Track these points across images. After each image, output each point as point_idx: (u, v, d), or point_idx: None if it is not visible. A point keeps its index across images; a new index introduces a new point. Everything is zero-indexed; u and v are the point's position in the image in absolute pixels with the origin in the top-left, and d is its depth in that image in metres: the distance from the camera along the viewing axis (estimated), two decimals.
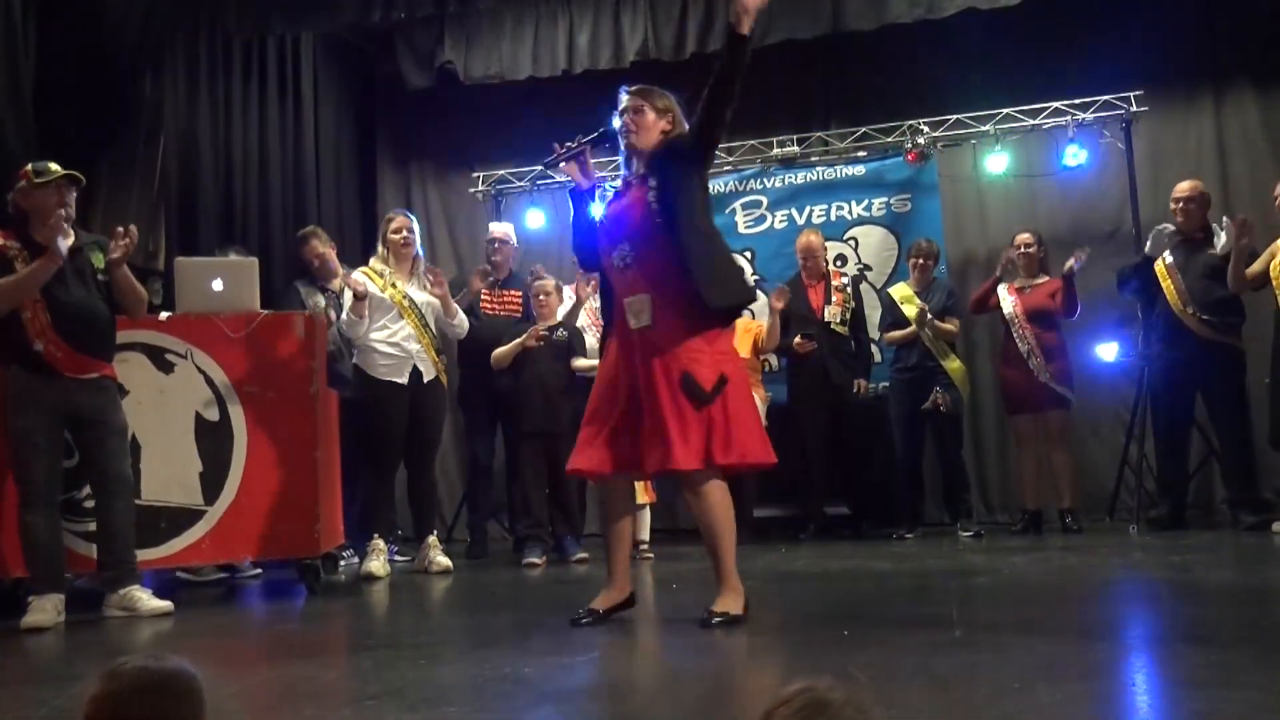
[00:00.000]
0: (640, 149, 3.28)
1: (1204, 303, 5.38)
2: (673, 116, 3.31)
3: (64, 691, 2.59)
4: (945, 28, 6.35)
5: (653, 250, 3.17)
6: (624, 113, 3.29)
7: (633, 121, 3.26)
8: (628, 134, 3.27)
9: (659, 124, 3.28)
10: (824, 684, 1.15)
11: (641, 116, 3.26)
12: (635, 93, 3.31)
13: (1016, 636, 2.84)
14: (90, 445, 3.93)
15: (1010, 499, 6.46)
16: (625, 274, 3.21)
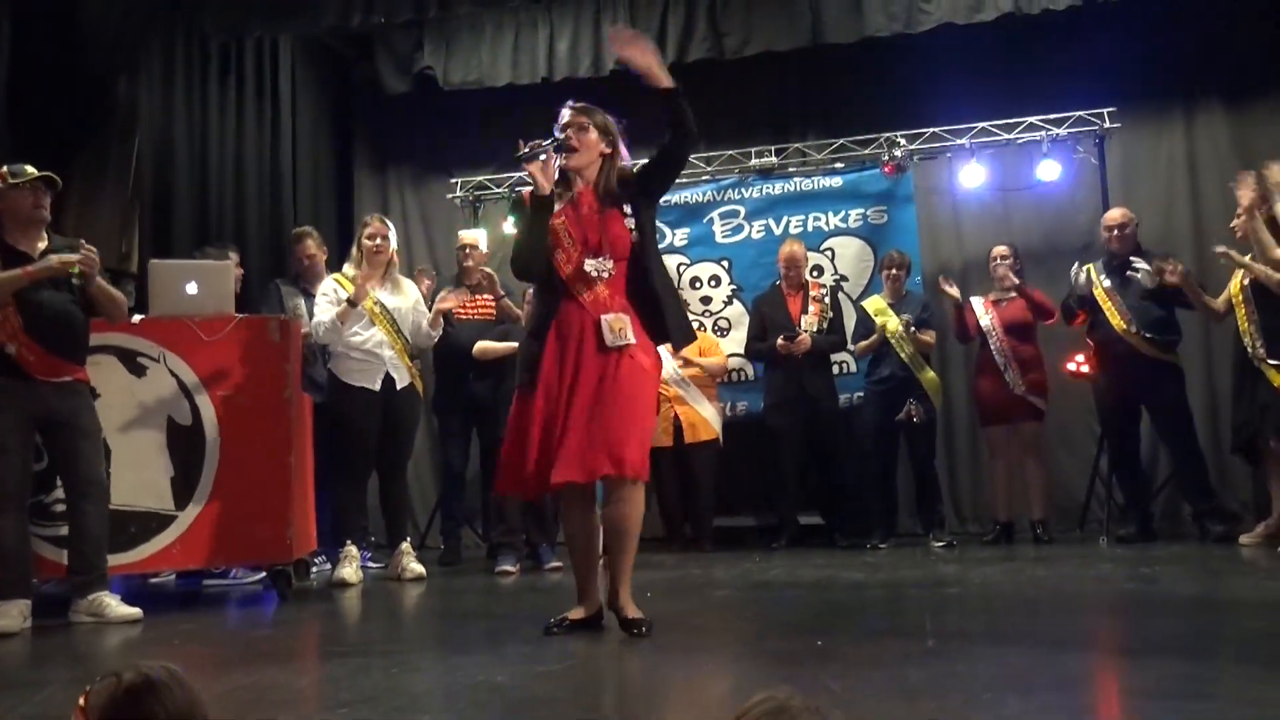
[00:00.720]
0: (578, 167, 3.27)
1: (1145, 322, 5.50)
2: (612, 139, 3.31)
3: (29, 699, 2.56)
4: (922, 42, 6.43)
5: (626, 271, 3.23)
6: (566, 128, 3.27)
7: (576, 139, 3.25)
8: (570, 150, 3.24)
9: (599, 144, 3.29)
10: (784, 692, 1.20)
11: (585, 134, 3.26)
12: (579, 110, 3.31)
13: (988, 647, 2.86)
14: (63, 449, 3.89)
15: (982, 510, 6.50)
16: (594, 286, 3.20)
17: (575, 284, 3.21)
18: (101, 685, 1.33)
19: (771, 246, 6.59)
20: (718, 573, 4.93)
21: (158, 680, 1.34)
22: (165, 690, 1.34)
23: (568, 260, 3.21)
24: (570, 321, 3.19)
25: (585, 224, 3.23)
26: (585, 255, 3.20)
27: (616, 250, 3.22)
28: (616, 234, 3.23)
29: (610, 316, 3.17)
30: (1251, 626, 3.15)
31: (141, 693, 1.32)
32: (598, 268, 3.21)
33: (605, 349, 3.14)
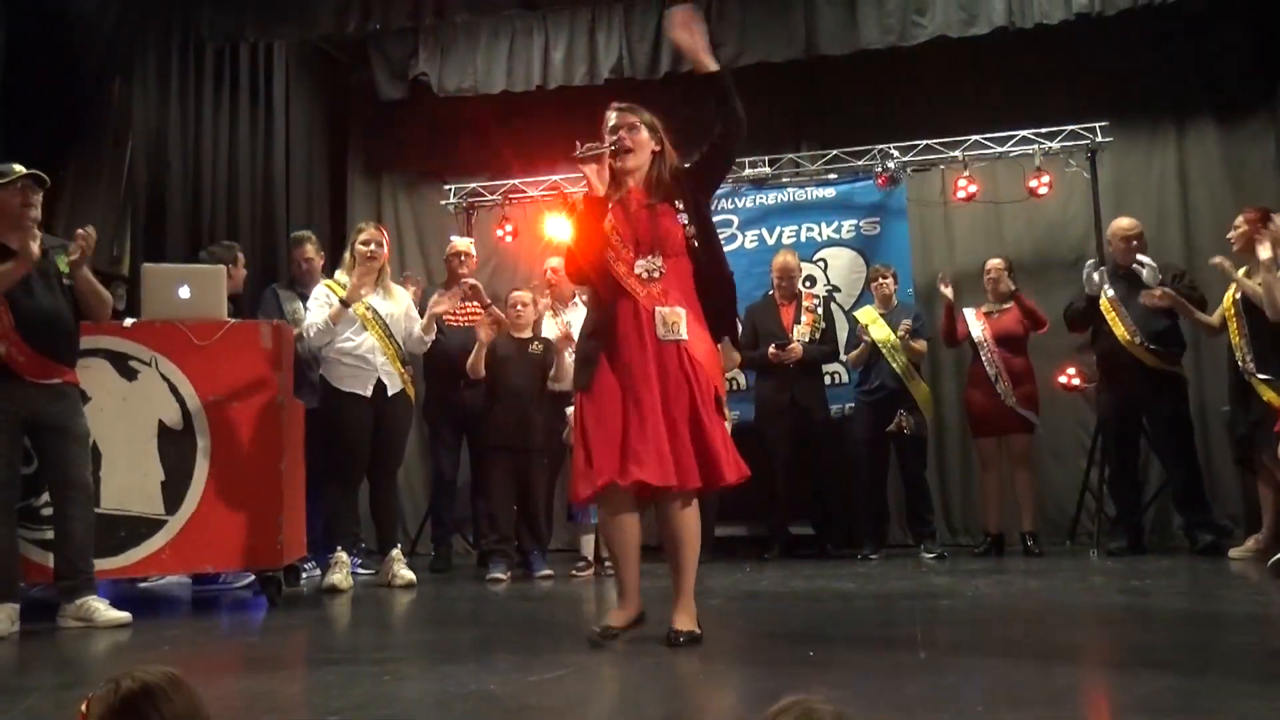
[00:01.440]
0: (634, 168, 3.26)
1: (1149, 333, 5.51)
2: (660, 136, 3.32)
3: (17, 704, 2.54)
4: (916, 55, 6.46)
5: (683, 268, 3.21)
6: (616, 129, 3.26)
7: (629, 139, 3.24)
8: (624, 151, 3.23)
9: (650, 142, 3.28)
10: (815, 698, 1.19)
11: (637, 134, 3.25)
12: (626, 109, 3.30)
13: (980, 659, 2.86)
14: (50, 452, 3.87)
15: (973, 521, 6.52)
16: (649, 285, 3.18)
17: (629, 282, 3.19)
18: (101, 693, 1.32)
19: (764, 256, 6.60)
20: (709, 582, 4.91)
21: (155, 687, 1.34)
22: (163, 697, 1.34)
23: (619, 260, 3.20)
24: (627, 319, 3.17)
25: (635, 223, 3.21)
26: (637, 255, 3.19)
27: (668, 247, 3.19)
28: (667, 230, 3.20)
29: (665, 309, 3.14)
30: (1242, 641, 3.16)
31: (139, 701, 1.32)
32: (648, 267, 3.18)
33: (664, 345, 3.12)
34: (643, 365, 3.13)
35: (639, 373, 3.13)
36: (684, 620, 3.17)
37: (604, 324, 3.23)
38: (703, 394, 3.12)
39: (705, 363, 3.17)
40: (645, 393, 3.11)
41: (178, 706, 1.36)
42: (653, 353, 3.13)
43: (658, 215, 3.22)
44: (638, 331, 3.15)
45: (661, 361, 3.13)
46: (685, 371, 3.13)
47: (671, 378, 3.12)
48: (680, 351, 3.14)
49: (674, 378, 3.12)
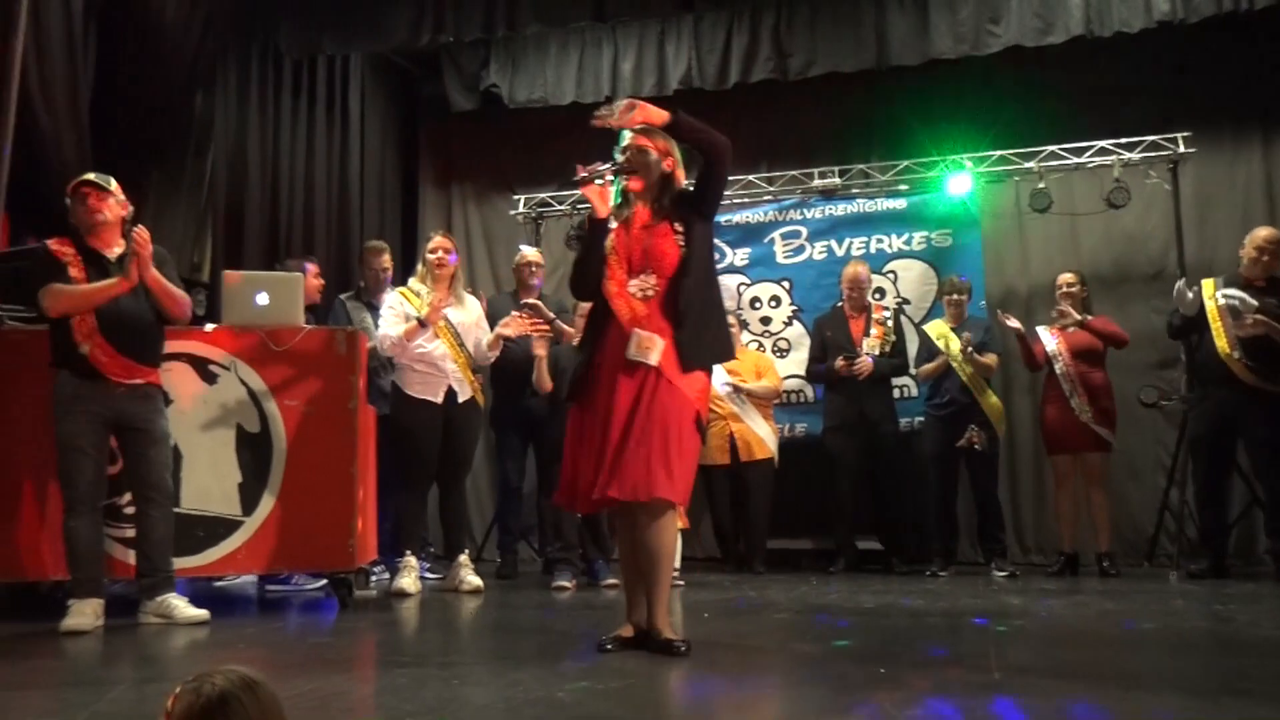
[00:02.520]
0: (639, 190, 3.31)
1: (1253, 349, 5.29)
2: (674, 159, 3.35)
3: (103, 695, 2.61)
4: (990, 64, 6.37)
5: (675, 289, 3.24)
6: (626, 150, 3.32)
7: (636, 160, 3.29)
8: (629, 172, 3.29)
9: (659, 166, 3.32)
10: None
11: (645, 156, 3.30)
12: (640, 132, 3.33)
13: (1055, 682, 2.79)
14: (132, 452, 3.98)
15: (1046, 540, 6.38)
16: (634, 306, 3.23)
17: (618, 303, 3.24)
18: (185, 690, 1.36)
19: (833, 268, 6.56)
20: (774, 595, 4.89)
21: (231, 695, 1.37)
22: (237, 706, 1.37)
23: (612, 278, 3.26)
24: (613, 340, 3.24)
25: (633, 243, 3.28)
26: (630, 275, 3.25)
27: (661, 267, 3.24)
28: (662, 251, 3.24)
29: (642, 334, 3.19)
30: None
31: (214, 710, 1.35)
32: (641, 286, 3.24)
33: (636, 365, 3.17)
34: (616, 384, 3.18)
35: (609, 390, 3.19)
36: (670, 629, 3.24)
37: (595, 341, 3.31)
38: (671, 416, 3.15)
39: (687, 385, 3.20)
40: (613, 411, 3.16)
41: (257, 709, 1.38)
42: (629, 374, 3.18)
43: (655, 236, 3.27)
44: (619, 350, 3.21)
45: (639, 383, 3.18)
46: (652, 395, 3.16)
47: (643, 397, 3.16)
48: (649, 375, 3.17)
49: (644, 398, 3.16)
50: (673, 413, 3.17)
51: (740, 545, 6.24)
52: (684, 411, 3.20)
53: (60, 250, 3.92)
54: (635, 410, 3.16)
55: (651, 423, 3.14)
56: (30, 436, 4.08)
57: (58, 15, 5.22)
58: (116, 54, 5.61)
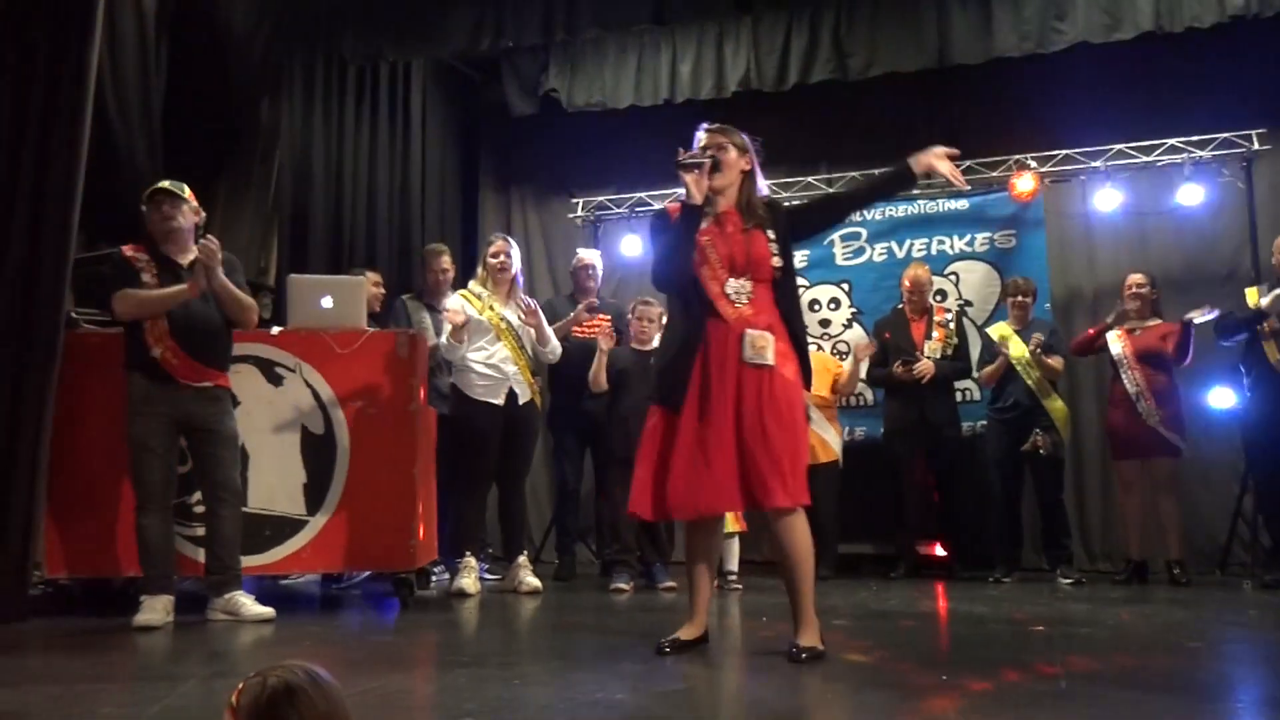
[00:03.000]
0: (721, 186, 3.27)
1: None
2: (749, 157, 3.32)
3: (175, 690, 2.68)
4: (1055, 61, 6.24)
5: (769, 296, 3.23)
6: (705, 149, 3.27)
7: (720, 158, 3.25)
8: (712, 171, 3.23)
9: (739, 163, 3.29)
10: None
11: (726, 154, 3.26)
12: (716, 130, 3.31)
13: (1124, 691, 2.73)
14: (202, 452, 4.07)
15: (1113, 547, 6.24)
16: (736, 308, 3.20)
17: (720, 302, 3.20)
18: (249, 684, 1.38)
19: (893, 269, 6.49)
20: (834, 600, 4.84)
21: (297, 687, 1.39)
22: (304, 697, 1.39)
23: (713, 278, 3.22)
24: (716, 340, 3.18)
25: (731, 243, 3.23)
26: (729, 275, 3.22)
27: (759, 272, 3.22)
28: (760, 256, 3.22)
29: (754, 333, 3.15)
30: None
31: (280, 700, 1.37)
32: (738, 289, 3.21)
33: (746, 364, 3.13)
34: (721, 387, 3.14)
35: (717, 394, 3.14)
36: (807, 636, 3.16)
37: (690, 341, 3.22)
38: (777, 417, 3.11)
39: (790, 384, 3.17)
40: (719, 415, 3.12)
41: (322, 703, 1.40)
42: (734, 375, 3.14)
43: (752, 240, 3.24)
44: (725, 352, 3.16)
45: (741, 384, 3.14)
46: (768, 392, 3.12)
47: (748, 401, 3.12)
48: (762, 376, 3.14)
49: (750, 401, 3.12)
50: (790, 412, 3.13)
51: None
52: (798, 408, 3.17)
53: (134, 256, 4.03)
54: (757, 412, 3.10)
55: (779, 424, 3.10)
56: (104, 437, 4.21)
57: (131, 27, 5.37)
58: (187, 64, 5.76)
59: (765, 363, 3.14)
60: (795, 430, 3.15)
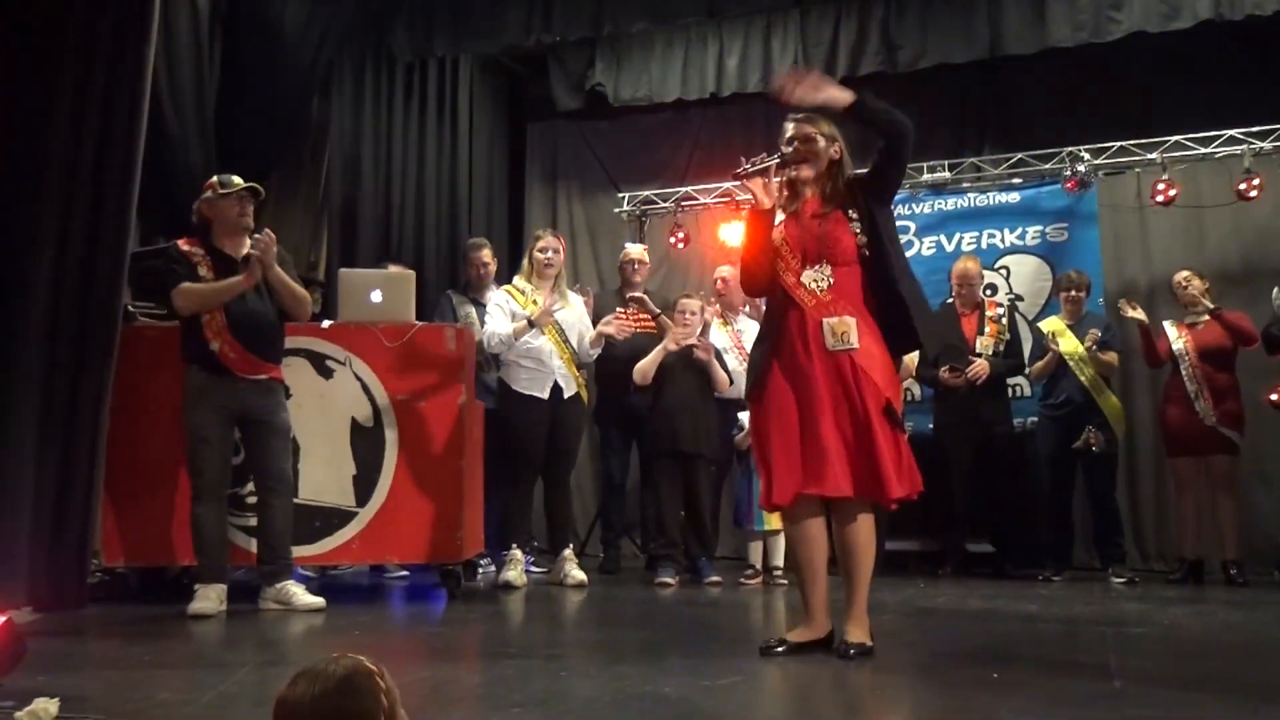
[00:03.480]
0: (809, 178, 3.23)
1: None
2: (839, 145, 3.28)
3: (229, 677, 2.72)
4: (1110, 51, 6.12)
5: (854, 277, 3.17)
6: (792, 141, 3.24)
7: (806, 150, 3.22)
8: (800, 162, 3.21)
9: (828, 151, 3.25)
10: None
11: (814, 144, 3.22)
12: (804, 119, 3.26)
13: (1181, 693, 2.68)
14: (256, 444, 4.13)
15: (1167, 546, 6.12)
16: (817, 296, 3.16)
17: (797, 293, 3.18)
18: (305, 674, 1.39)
19: (942, 264, 6.42)
20: (881, 596, 4.78)
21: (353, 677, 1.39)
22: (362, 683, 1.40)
23: (788, 270, 3.20)
24: (794, 330, 3.17)
25: (805, 233, 3.21)
26: (804, 265, 3.18)
27: (837, 256, 3.16)
28: (836, 239, 3.17)
29: (833, 320, 3.11)
30: None
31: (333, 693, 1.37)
32: (815, 277, 3.16)
33: (830, 353, 3.10)
34: (809, 376, 3.11)
35: (806, 383, 3.11)
36: (856, 632, 3.12)
37: (773, 334, 3.24)
38: (872, 404, 3.06)
39: (876, 372, 3.10)
40: (813, 403, 3.09)
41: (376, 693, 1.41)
42: (820, 363, 3.10)
43: (828, 224, 3.19)
44: (804, 342, 3.13)
45: (829, 372, 3.09)
46: (854, 381, 3.07)
47: (840, 388, 3.08)
48: (849, 361, 3.09)
49: (842, 388, 3.08)
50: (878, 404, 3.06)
51: None
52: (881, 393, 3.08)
53: (190, 251, 4.10)
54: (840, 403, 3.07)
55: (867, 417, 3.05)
56: (160, 428, 4.29)
57: (186, 26, 5.46)
58: (240, 62, 5.84)
59: (849, 347, 3.09)
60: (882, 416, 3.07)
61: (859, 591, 3.16)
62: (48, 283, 3.96)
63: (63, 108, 4.04)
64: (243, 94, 5.85)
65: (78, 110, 4.06)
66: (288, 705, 1.35)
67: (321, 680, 1.35)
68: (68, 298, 4.01)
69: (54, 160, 4.00)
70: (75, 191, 4.04)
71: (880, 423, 3.06)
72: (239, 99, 5.84)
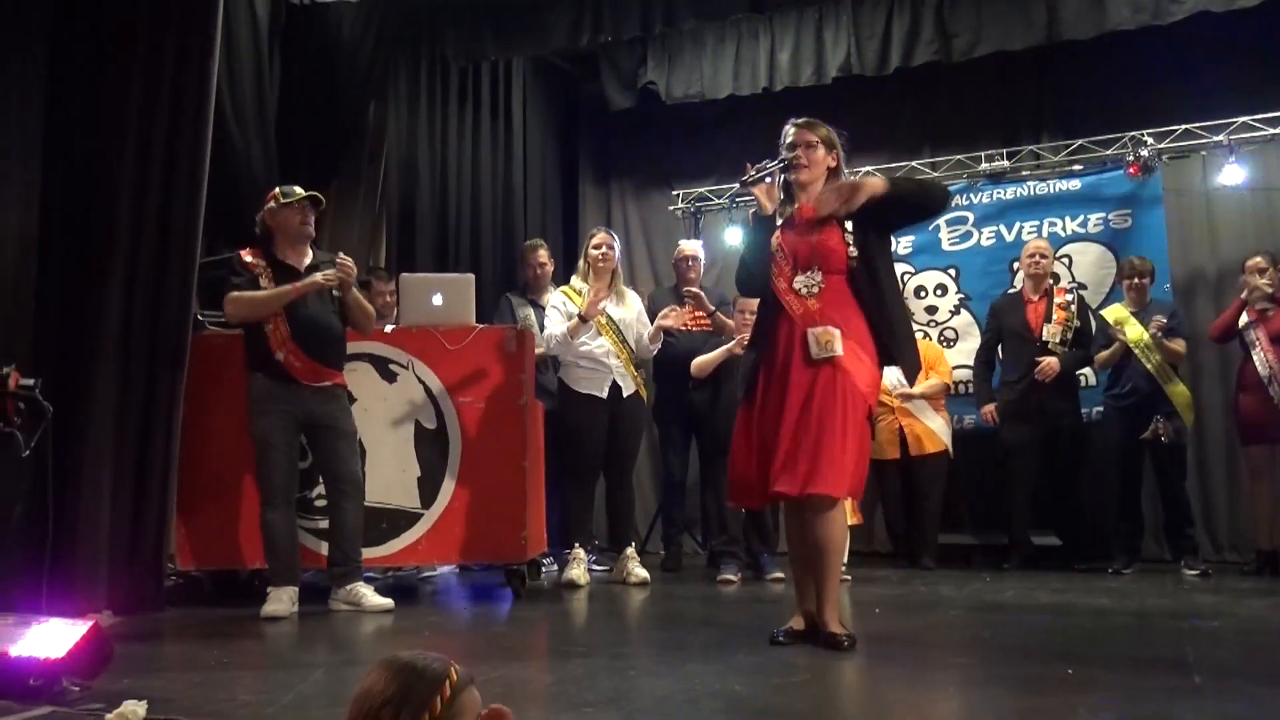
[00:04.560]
0: (807, 182, 3.33)
1: None
2: (837, 153, 3.37)
3: (306, 678, 2.78)
4: (1172, 32, 5.98)
5: (842, 286, 3.25)
6: (794, 146, 3.32)
7: (805, 156, 3.30)
8: (798, 168, 3.31)
9: (825, 160, 3.35)
10: None
11: (813, 151, 3.32)
12: (804, 126, 3.35)
13: (1265, 688, 2.62)
14: (324, 448, 4.21)
15: (1241, 537, 5.98)
16: (805, 302, 3.24)
17: (786, 299, 3.28)
18: (389, 665, 1.43)
19: (1002, 254, 6.34)
20: (946, 591, 4.76)
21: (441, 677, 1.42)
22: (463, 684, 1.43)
23: (779, 275, 3.31)
24: (781, 335, 3.27)
25: (798, 240, 3.30)
26: (796, 271, 3.27)
27: (828, 264, 3.25)
28: (830, 248, 3.25)
29: (817, 330, 3.19)
30: None
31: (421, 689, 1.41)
32: (806, 283, 3.25)
33: (812, 362, 3.18)
34: (783, 382, 3.21)
35: (778, 389, 3.22)
36: (837, 622, 3.22)
37: (762, 341, 3.36)
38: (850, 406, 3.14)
39: (860, 376, 3.19)
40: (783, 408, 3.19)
41: (466, 693, 1.44)
42: (795, 368, 3.20)
43: (822, 232, 3.26)
44: (788, 351, 3.23)
45: (804, 377, 3.18)
46: (833, 384, 3.15)
47: (810, 392, 3.16)
48: (830, 367, 3.16)
49: (812, 392, 3.16)
50: (843, 405, 3.15)
51: (910, 540, 6.10)
52: (856, 404, 3.17)
53: (253, 262, 4.18)
54: (806, 405, 3.16)
55: (823, 415, 3.13)
56: (229, 435, 4.38)
57: (247, 37, 5.56)
58: (298, 71, 5.94)
59: (833, 354, 3.16)
60: (847, 429, 3.13)
61: (825, 585, 3.23)
62: (121, 294, 4.05)
63: (131, 124, 4.13)
64: (301, 103, 5.94)
65: (145, 125, 4.15)
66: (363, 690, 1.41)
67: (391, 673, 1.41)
68: (140, 308, 4.10)
69: (125, 175, 4.10)
70: (146, 203, 4.14)
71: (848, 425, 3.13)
72: (298, 108, 5.93)
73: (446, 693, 1.40)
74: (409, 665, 1.42)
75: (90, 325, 4.00)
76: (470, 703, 1.42)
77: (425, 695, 1.39)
